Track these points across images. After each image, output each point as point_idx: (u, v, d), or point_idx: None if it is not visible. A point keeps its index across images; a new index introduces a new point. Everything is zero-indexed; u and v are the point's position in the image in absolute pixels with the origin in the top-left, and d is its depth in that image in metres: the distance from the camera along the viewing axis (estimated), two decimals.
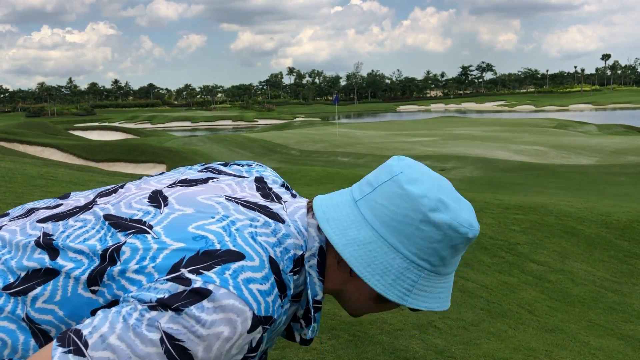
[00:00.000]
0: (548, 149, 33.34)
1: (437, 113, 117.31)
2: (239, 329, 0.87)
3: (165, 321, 0.84)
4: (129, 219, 0.98)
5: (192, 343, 0.85)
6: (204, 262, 0.90)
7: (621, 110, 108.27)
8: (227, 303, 0.86)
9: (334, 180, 17.51)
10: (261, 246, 0.95)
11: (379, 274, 0.98)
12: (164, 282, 0.88)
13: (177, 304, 0.85)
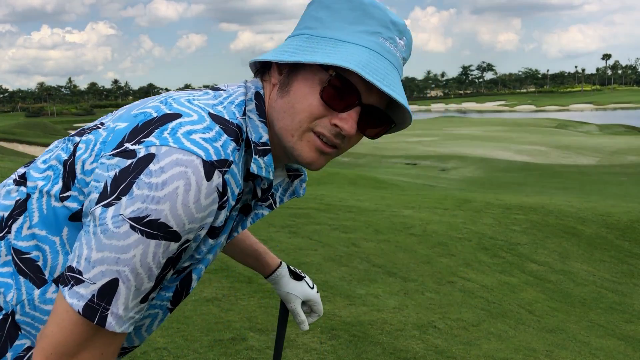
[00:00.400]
0: (549, 149, 33.34)
1: (437, 113, 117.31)
2: (192, 178, 0.86)
3: (124, 209, 0.85)
4: (88, 127, 1.02)
5: (156, 212, 0.85)
6: (143, 131, 0.90)
7: (622, 110, 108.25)
8: (171, 159, 0.86)
9: (334, 180, 17.50)
10: (199, 106, 0.95)
11: (264, 55, 1.01)
12: (110, 158, 0.89)
13: (128, 178, 0.86)
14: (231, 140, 0.93)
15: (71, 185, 0.95)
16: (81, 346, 0.89)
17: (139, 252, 0.86)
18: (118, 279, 0.86)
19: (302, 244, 6.06)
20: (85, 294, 0.86)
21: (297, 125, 0.98)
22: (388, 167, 28.69)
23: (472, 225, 8.25)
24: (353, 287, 4.92)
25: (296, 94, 0.97)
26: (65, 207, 0.94)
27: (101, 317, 0.87)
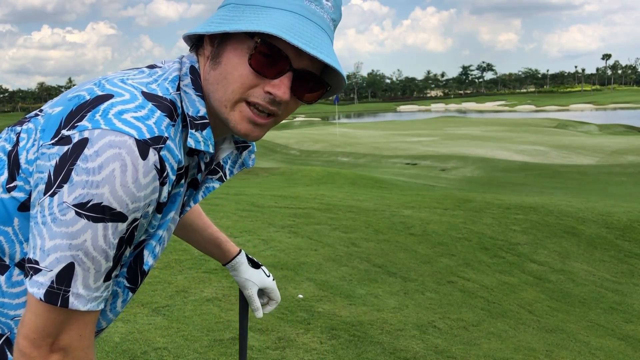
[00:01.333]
0: (548, 148, 33.33)
1: (437, 113, 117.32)
2: (127, 159, 0.87)
3: (67, 196, 0.87)
4: (29, 116, 1.03)
5: (97, 195, 0.86)
6: (77, 115, 0.91)
7: (622, 110, 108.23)
8: (104, 141, 0.87)
9: (334, 180, 17.50)
10: (132, 85, 0.95)
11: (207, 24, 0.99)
12: (50, 147, 0.90)
13: (67, 165, 0.87)
14: (165, 116, 0.93)
15: (16, 175, 0.96)
16: (58, 329, 0.91)
17: (89, 236, 0.88)
18: (74, 263, 0.89)
19: (302, 244, 6.06)
20: (44, 281, 0.89)
21: (229, 96, 0.97)
22: (388, 167, 28.69)
23: (472, 225, 8.25)
24: (353, 287, 4.92)
25: (227, 65, 0.97)
26: (13, 198, 0.96)
27: (63, 299, 0.90)
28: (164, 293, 4.23)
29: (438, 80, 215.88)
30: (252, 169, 20.93)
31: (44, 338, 0.91)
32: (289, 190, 11.74)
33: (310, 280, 4.86)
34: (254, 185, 14.04)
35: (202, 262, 4.99)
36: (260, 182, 16.00)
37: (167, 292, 4.27)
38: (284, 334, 3.70)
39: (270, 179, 17.15)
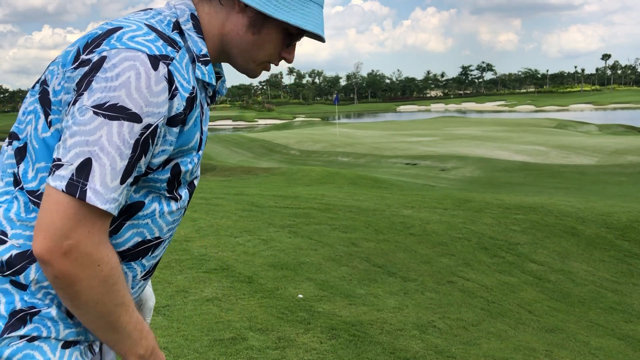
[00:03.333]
0: (548, 148, 33.33)
1: (437, 113, 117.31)
2: (141, 68, 1.02)
3: (86, 100, 1.01)
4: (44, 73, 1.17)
5: (114, 97, 1.00)
6: (93, 43, 1.06)
7: (621, 110, 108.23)
8: (121, 56, 1.02)
9: (334, 180, 17.49)
10: (135, 19, 1.11)
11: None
12: (73, 71, 1.06)
13: (87, 78, 1.02)
14: (168, 44, 1.09)
15: (49, 110, 1.09)
16: (70, 224, 1.00)
17: (104, 132, 1.00)
18: (91, 158, 0.99)
19: (302, 244, 6.06)
20: (66, 174, 0.99)
21: (261, 58, 1.23)
22: (388, 167, 28.69)
23: (472, 225, 8.26)
24: (353, 287, 4.93)
25: (267, 38, 1.20)
26: (55, 131, 1.08)
27: (82, 191, 0.99)
28: (164, 293, 4.24)
29: (438, 81, 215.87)
30: (252, 169, 20.93)
31: (56, 238, 0.99)
32: (289, 190, 11.75)
33: (310, 280, 4.86)
34: (254, 185, 14.04)
35: (202, 262, 4.99)
36: (260, 182, 16.00)
37: (167, 292, 4.28)
38: (284, 333, 3.71)
39: (270, 179, 17.15)
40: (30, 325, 1.07)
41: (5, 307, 1.06)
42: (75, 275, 1.01)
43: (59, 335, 1.10)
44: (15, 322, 1.06)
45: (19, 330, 1.06)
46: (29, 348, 1.07)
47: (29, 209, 1.09)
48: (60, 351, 1.10)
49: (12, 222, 1.09)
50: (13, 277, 1.08)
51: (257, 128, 77.93)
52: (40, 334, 1.08)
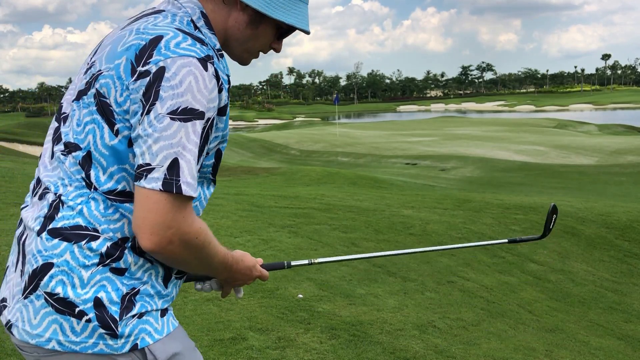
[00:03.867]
0: (548, 148, 33.33)
1: (437, 113, 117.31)
2: (196, 71, 1.20)
3: (160, 109, 1.18)
4: (85, 85, 1.32)
5: (184, 102, 1.18)
6: (144, 55, 1.22)
7: (621, 110, 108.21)
8: (178, 64, 1.19)
9: (334, 180, 17.50)
10: (165, 26, 1.27)
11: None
12: (134, 83, 1.21)
13: (154, 89, 1.18)
14: (201, 44, 1.26)
15: (114, 119, 1.24)
16: (170, 217, 1.19)
17: (183, 133, 1.19)
18: (177, 157, 1.18)
19: (302, 244, 6.06)
20: (159, 175, 1.18)
21: (254, 49, 1.44)
22: (388, 167, 28.69)
23: (472, 225, 8.26)
24: (353, 287, 4.93)
25: (262, 32, 1.40)
26: (123, 138, 1.24)
27: (177, 187, 1.18)
28: None
29: (438, 81, 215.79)
30: (252, 169, 20.92)
31: (161, 230, 1.19)
32: (289, 190, 11.75)
33: (310, 280, 4.86)
34: (254, 185, 14.04)
35: None
36: (260, 182, 16.00)
37: None
38: (284, 333, 3.71)
39: (270, 179, 17.15)
40: (138, 304, 1.28)
41: (116, 293, 1.26)
42: (181, 253, 1.24)
43: (157, 306, 1.32)
44: (127, 304, 1.27)
45: (132, 311, 1.27)
46: (141, 323, 1.28)
47: (107, 206, 1.27)
48: (160, 319, 1.32)
49: (98, 219, 1.27)
50: (113, 264, 1.27)
51: (257, 128, 77.94)
52: (146, 309, 1.29)
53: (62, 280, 1.24)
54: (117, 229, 1.27)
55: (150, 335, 1.29)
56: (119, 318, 1.25)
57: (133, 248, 1.29)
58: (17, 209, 6.81)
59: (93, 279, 1.25)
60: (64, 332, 1.24)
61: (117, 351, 1.26)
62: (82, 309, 1.24)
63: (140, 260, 1.29)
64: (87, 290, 1.24)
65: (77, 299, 1.24)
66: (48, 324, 1.25)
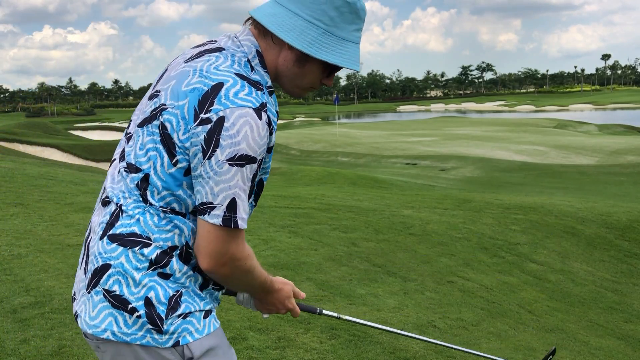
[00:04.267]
0: (548, 148, 33.34)
1: (437, 113, 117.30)
2: (252, 122, 1.34)
3: (220, 156, 1.33)
4: (151, 113, 1.46)
5: (240, 149, 1.34)
6: (206, 102, 1.36)
7: (621, 110, 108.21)
8: (235, 115, 1.33)
9: (334, 180, 17.50)
10: (225, 71, 1.40)
11: (287, 30, 1.43)
12: (196, 127, 1.36)
13: (214, 136, 1.33)
14: (257, 90, 1.39)
15: (175, 152, 1.39)
16: (227, 246, 1.40)
17: (239, 177, 1.36)
18: (235, 197, 1.37)
19: (302, 244, 6.06)
20: (219, 213, 1.37)
21: (304, 85, 1.53)
22: (388, 167, 28.69)
23: (472, 225, 8.26)
24: (353, 287, 4.93)
25: (309, 69, 1.49)
26: (179, 168, 1.40)
27: (234, 222, 1.38)
28: None
29: (438, 81, 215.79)
30: None
31: (218, 257, 1.40)
32: (289, 190, 11.75)
33: (310, 280, 4.86)
34: None
35: None
36: None
37: None
38: (284, 333, 3.71)
39: (270, 179, 17.16)
40: (182, 305, 1.45)
41: (164, 295, 1.43)
42: (231, 273, 1.44)
43: (199, 307, 1.48)
44: (173, 305, 1.44)
45: (177, 311, 1.44)
46: (184, 323, 1.45)
47: (161, 218, 1.44)
48: (202, 320, 1.48)
49: (152, 228, 1.44)
50: (161, 269, 1.43)
51: None
52: (190, 310, 1.45)
53: (118, 280, 1.43)
54: (167, 238, 1.44)
55: (191, 334, 1.45)
56: (165, 317, 1.43)
57: (179, 256, 1.45)
58: (17, 208, 6.82)
59: (143, 280, 1.42)
60: (118, 325, 1.42)
61: (161, 345, 1.43)
62: (135, 306, 1.42)
63: (185, 268, 1.46)
64: (139, 289, 1.42)
65: (131, 297, 1.42)
66: (104, 316, 1.43)
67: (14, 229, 5.69)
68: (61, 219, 6.27)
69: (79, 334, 3.44)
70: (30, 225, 5.90)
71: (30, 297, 3.97)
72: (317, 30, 1.44)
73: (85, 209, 6.95)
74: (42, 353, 3.20)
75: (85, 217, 6.45)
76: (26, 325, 3.54)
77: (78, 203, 7.32)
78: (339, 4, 1.43)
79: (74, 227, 5.90)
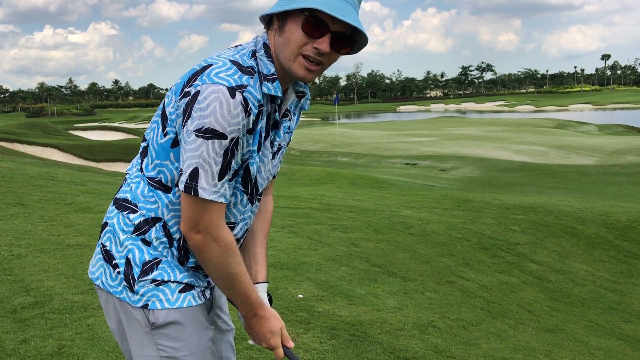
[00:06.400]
0: (548, 149, 33.34)
1: (437, 113, 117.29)
2: (222, 98, 1.40)
3: (190, 126, 1.42)
4: None
5: (207, 122, 1.41)
6: (193, 78, 1.46)
7: (621, 110, 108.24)
8: (208, 90, 1.41)
9: (334, 180, 17.51)
10: (223, 57, 1.49)
11: (272, 7, 1.51)
12: (179, 100, 1.47)
13: (188, 108, 1.43)
14: (244, 73, 1.46)
15: (166, 125, 1.52)
16: (197, 215, 1.48)
17: (204, 149, 1.42)
18: (198, 167, 1.44)
19: (302, 244, 6.06)
20: (184, 179, 1.46)
21: (291, 52, 1.50)
22: (388, 167, 28.70)
23: (472, 225, 8.26)
24: (353, 287, 4.93)
25: (288, 32, 1.49)
26: (168, 139, 1.52)
27: (194, 190, 1.45)
28: None
29: (438, 81, 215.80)
30: None
31: (191, 223, 1.48)
32: (289, 190, 11.75)
33: (310, 280, 4.86)
34: None
35: None
36: None
37: None
38: None
39: None
40: (156, 271, 1.55)
41: (140, 259, 1.55)
42: (203, 246, 1.50)
43: (176, 278, 1.56)
44: (146, 269, 1.54)
45: (148, 275, 1.54)
46: (155, 290, 1.54)
47: (148, 190, 1.57)
48: (177, 293, 1.56)
49: (139, 197, 1.57)
50: (142, 235, 1.56)
51: None
52: (163, 278, 1.55)
53: (110, 238, 1.60)
54: (151, 209, 1.56)
55: (161, 302, 1.54)
56: (137, 278, 1.54)
57: (163, 227, 1.56)
58: (17, 209, 6.82)
59: (125, 242, 1.56)
60: (106, 276, 1.59)
61: (133, 304, 1.55)
62: (117, 262, 1.57)
63: (163, 238, 1.57)
64: (122, 249, 1.56)
65: (116, 254, 1.57)
66: (99, 266, 1.62)
67: (14, 229, 5.69)
68: (61, 219, 6.27)
69: (79, 334, 3.44)
70: (30, 225, 5.90)
71: (30, 297, 3.97)
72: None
73: (85, 209, 6.95)
74: (42, 353, 3.20)
75: (85, 217, 6.45)
76: (26, 325, 3.54)
77: (78, 203, 7.32)
78: None
79: (74, 227, 5.90)
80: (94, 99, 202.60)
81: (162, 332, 1.55)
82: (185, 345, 1.57)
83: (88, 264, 2.05)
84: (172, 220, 1.57)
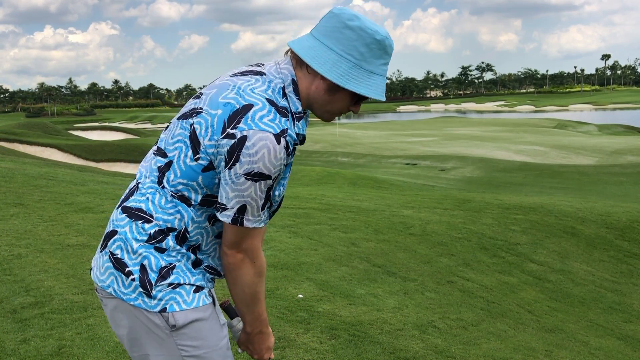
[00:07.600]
0: (548, 149, 33.34)
1: (437, 113, 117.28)
2: (271, 145, 1.52)
3: (239, 170, 1.53)
4: (189, 111, 1.66)
5: (257, 167, 1.53)
6: (234, 119, 1.54)
7: (621, 111, 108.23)
8: (256, 137, 1.52)
9: (334, 180, 17.51)
10: (259, 94, 1.58)
11: (321, 63, 1.60)
12: (222, 139, 1.54)
13: (236, 152, 1.52)
14: (282, 116, 1.57)
15: (199, 151, 1.58)
16: (240, 239, 1.61)
17: (252, 189, 1.56)
18: (246, 204, 1.58)
19: (302, 244, 6.06)
20: (230, 214, 1.59)
21: (330, 109, 1.68)
22: (388, 167, 28.69)
23: (472, 225, 8.26)
24: (353, 287, 4.93)
25: (338, 98, 1.66)
26: (199, 164, 1.59)
27: (241, 222, 1.59)
28: None
29: (438, 81, 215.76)
30: None
31: (233, 245, 1.62)
32: (289, 190, 11.75)
33: (310, 280, 4.86)
34: None
35: None
36: None
37: None
38: (284, 333, 3.71)
39: None
40: (173, 276, 1.62)
41: (156, 265, 1.61)
42: (240, 265, 1.64)
43: (190, 281, 1.64)
44: (164, 274, 1.61)
45: (166, 280, 1.61)
46: (173, 293, 1.61)
47: (167, 201, 1.63)
48: (192, 294, 1.63)
49: (156, 208, 1.63)
50: (157, 244, 1.61)
51: None
52: (179, 282, 1.62)
53: (120, 246, 1.63)
54: (167, 220, 1.62)
55: (178, 304, 1.61)
56: (155, 283, 1.59)
57: (176, 237, 1.63)
58: (17, 209, 6.82)
59: (139, 250, 1.61)
60: (118, 284, 1.62)
61: (150, 309, 1.60)
62: (131, 269, 1.61)
63: (178, 247, 1.64)
64: (136, 257, 1.60)
65: (129, 262, 1.61)
66: (108, 274, 1.64)
67: (14, 229, 5.69)
68: (61, 219, 6.27)
69: (79, 334, 3.44)
70: (30, 225, 5.90)
71: (30, 297, 3.97)
72: (348, 63, 1.60)
73: (85, 209, 6.95)
74: (42, 353, 3.20)
75: (85, 217, 6.45)
76: (26, 325, 3.54)
77: (78, 203, 7.32)
78: (369, 41, 1.59)
79: (74, 227, 5.90)
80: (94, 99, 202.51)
81: (182, 333, 1.62)
82: (205, 342, 1.65)
83: (88, 264, 2.08)
84: (194, 231, 1.66)
